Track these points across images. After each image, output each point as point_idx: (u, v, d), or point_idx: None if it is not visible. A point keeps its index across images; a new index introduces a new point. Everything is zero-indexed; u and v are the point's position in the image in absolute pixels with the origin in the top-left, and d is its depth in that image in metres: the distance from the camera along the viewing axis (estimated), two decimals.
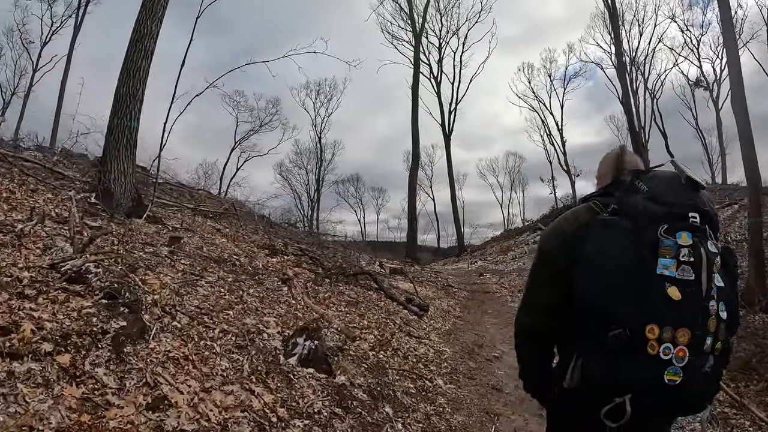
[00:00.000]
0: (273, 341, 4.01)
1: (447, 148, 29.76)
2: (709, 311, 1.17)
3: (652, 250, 1.18)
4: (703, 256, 1.18)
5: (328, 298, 6.36)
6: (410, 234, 22.26)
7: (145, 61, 9.12)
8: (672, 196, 1.25)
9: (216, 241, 8.22)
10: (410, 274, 13.09)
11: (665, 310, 1.15)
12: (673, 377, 1.15)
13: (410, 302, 8.13)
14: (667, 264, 1.17)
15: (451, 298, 11.00)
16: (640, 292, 1.17)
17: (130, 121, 8.77)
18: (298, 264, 8.58)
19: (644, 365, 1.16)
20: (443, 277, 14.84)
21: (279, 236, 12.80)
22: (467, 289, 13.05)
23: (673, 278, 1.16)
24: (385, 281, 10.30)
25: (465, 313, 9.35)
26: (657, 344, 1.15)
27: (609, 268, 1.22)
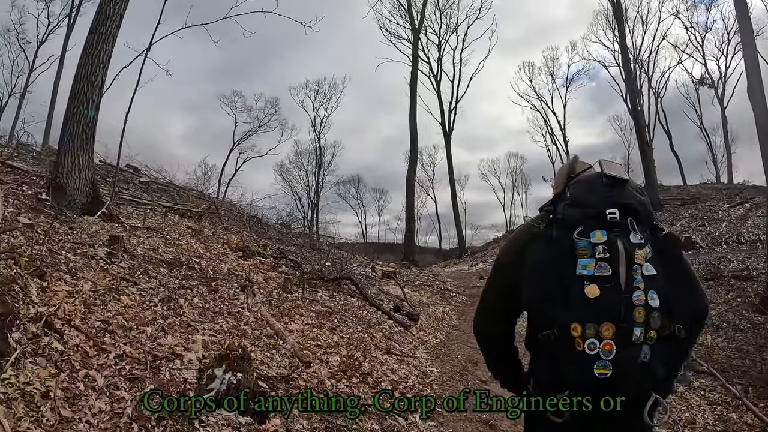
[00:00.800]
0: (186, 371, 2.94)
1: (447, 147, 28.74)
2: (632, 302, 1.19)
3: (570, 254, 1.23)
4: (620, 250, 1.20)
5: (295, 308, 5.28)
6: (408, 235, 21.11)
7: (106, 46, 8.10)
8: (590, 197, 1.29)
9: (181, 242, 7.18)
10: (405, 278, 11.99)
11: (584, 308, 1.19)
12: (603, 370, 1.17)
13: (398, 310, 7.03)
14: (585, 264, 1.21)
15: (448, 303, 9.89)
16: (562, 294, 1.22)
17: (87, 110, 7.74)
18: (273, 267, 7.52)
19: (574, 362, 1.19)
20: (441, 280, 13.73)
21: (268, 238, 11.79)
22: (466, 293, 11.92)
23: (591, 276, 1.20)
24: (375, 286, 9.21)
25: (461, 321, 8.23)
26: (581, 341, 1.18)
27: (539, 275, 1.27)
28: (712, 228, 16.96)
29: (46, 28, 25.27)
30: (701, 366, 6.14)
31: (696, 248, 16.23)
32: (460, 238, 28.78)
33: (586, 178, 1.37)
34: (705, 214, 18.48)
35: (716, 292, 12.27)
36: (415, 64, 22.46)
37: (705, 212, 18.69)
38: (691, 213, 18.91)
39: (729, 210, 18.33)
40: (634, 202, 1.28)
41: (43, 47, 25.09)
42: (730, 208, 18.49)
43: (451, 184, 27.99)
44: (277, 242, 11.09)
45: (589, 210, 1.26)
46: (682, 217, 18.75)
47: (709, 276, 13.34)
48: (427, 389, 4.12)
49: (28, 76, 25.76)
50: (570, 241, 1.24)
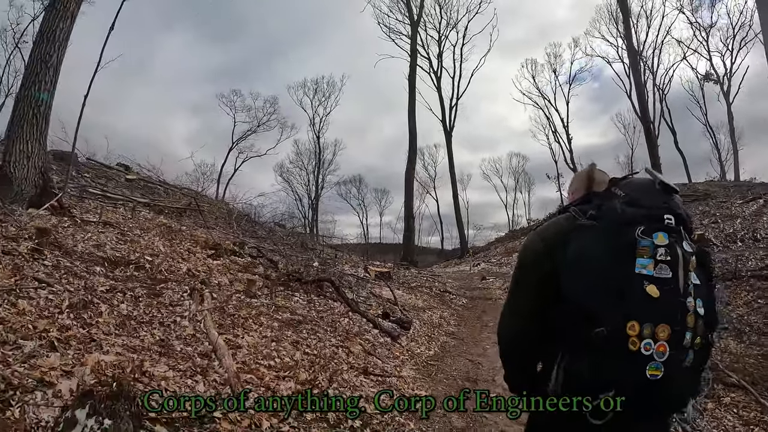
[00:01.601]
0: (46, 409, 1.94)
1: (448, 144, 27.35)
2: (687, 307, 1.17)
3: (630, 251, 1.18)
4: (680, 255, 1.18)
5: (255, 316, 4.27)
6: (407, 234, 19.98)
7: (63, 23, 7.13)
8: (648, 199, 1.26)
9: (141, 239, 6.20)
10: (401, 279, 10.95)
11: (644, 307, 1.14)
12: (655, 372, 1.13)
13: (386, 317, 5.99)
14: (645, 263, 1.17)
15: (446, 307, 8.83)
16: (619, 291, 1.16)
17: (39, 93, 6.78)
18: (246, 268, 6.51)
19: (626, 361, 1.14)
20: (441, 282, 12.66)
21: (257, 237, 10.83)
22: (467, 296, 10.86)
23: (651, 276, 1.16)
24: (366, 288, 8.18)
25: (461, 328, 7.18)
26: (638, 340, 1.13)
27: (590, 269, 1.21)
28: (726, 225, 15.83)
29: None
30: (730, 377, 5.40)
31: (710, 246, 15.15)
32: (461, 238, 27.69)
33: (640, 182, 1.34)
34: (717, 210, 17.34)
35: (735, 293, 11.26)
36: (413, 59, 21.45)
37: (717, 209, 17.55)
38: (702, 210, 17.76)
39: (742, 206, 17.18)
40: (683, 212, 1.27)
41: None
42: (743, 204, 17.33)
43: (453, 182, 26.93)
44: (264, 241, 10.11)
45: (651, 211, 1.22)
46: (693, 214, 17.58)
47: (727, 276, 12.28)
48: (410, 425, 3.07)
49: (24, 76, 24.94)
50: (632, 237, 1.18)
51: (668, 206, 1.24)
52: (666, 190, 1.28)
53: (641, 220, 1.20)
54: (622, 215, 1.23)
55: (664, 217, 1.21)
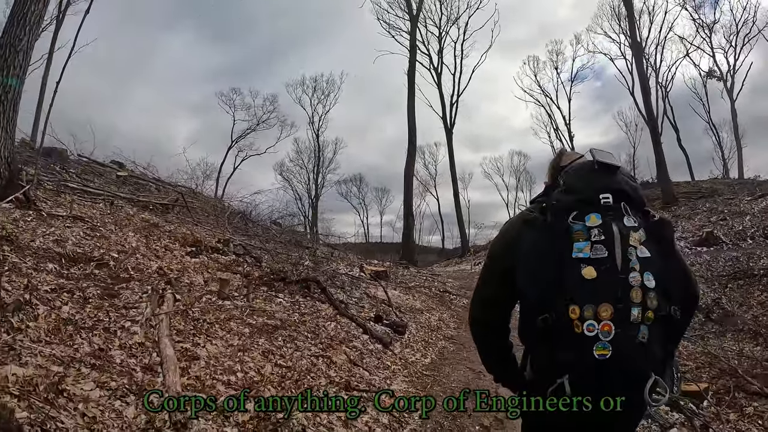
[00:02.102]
0: None
1: (449, 141, 26.17)
2: (629, 283, 1.16)
3: (566, 237, 1.19)
4: (615, 232, 1.18)
5: (224, 321, 3.70)
6: (406, 232, 19.34)
7: (35, 6, 6.61)
8: (582, 183, 1.27)
9: (111, 235, 5.65)
10: (399, 279, 10.37)
11: (582, 290, 1.15)
12: (603, 351, 1.13)
13: (379, 320, 5.42)
14: (580, 247, 1.18)
15: (446, 308, 8.25)
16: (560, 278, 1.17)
17: (6, 78, 6.25)
18: (228, 266, 5.95)
19: (573, 344, 1.15)
20: (441, 281, 12.08)
21: (248, 234, 10.27)
22: (467, 296, 10.27)
23: (587, 259, 1.17)
24: (360, 289, 7.60)
25: (461, 331, 6.60)
26: (580, 323, 1.14)
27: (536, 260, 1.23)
28: (735, 222, 15.20)
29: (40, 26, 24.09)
30: (752, 384, 4.85)
31: (719, 244, 14.49)
32: (462, 236, 27.06)
33: (578, 166, 1.35)
34: (725, 207, 16.70)
35: (748, 292, 10.68)
36: (413, 54, 20.79)
37: (725, 206, 16.91)
38: (709, 207, 17.13)
39: (751, 203, 16.53)
40: (626, 187, 1.26)
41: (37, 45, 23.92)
42: (752, 201, 16.69)
43: (453, 179, 26.27)
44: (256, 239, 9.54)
45: (583, 195, 1.24)
46: (700, 210, 16.96)
47: (739, 275, 11.68)
48: None
49: None
50: (565, 225, 1.21)
51: (605, 185, 1.23)
52: (604, 169, 1.27)
53: (575, 205, 1.22)
54: (558, 204, 1.25)
55: (599, 197, 1.21)
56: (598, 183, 1.25)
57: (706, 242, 14.37)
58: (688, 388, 5.96)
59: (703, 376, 7.31)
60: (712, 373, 7.53)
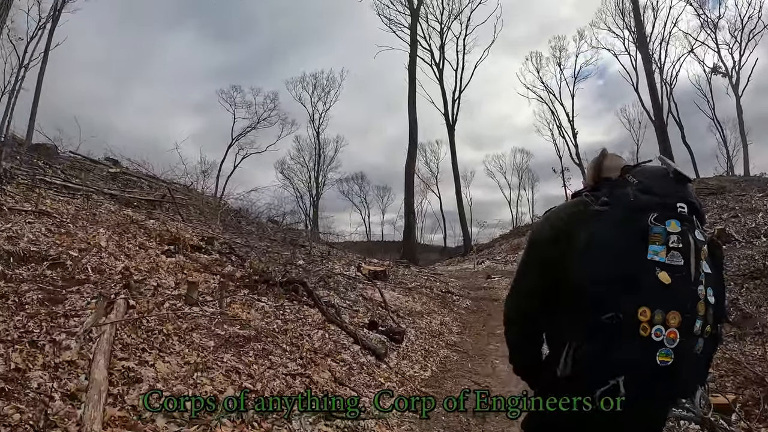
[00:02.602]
0: None
1: (451, 138, 25.38)
2: (698, 295, 1.14)
3: (642, 237, 1.15)
4: (692, 243, 1.16)
5: (185, 332, 3.08)
6: (407, 230, 18.64)
7: None
8: (661, 187, 1.23)
9: (78, 232, 5.06)
10: (399, 279, 9.73)
11: (656, 294, 1.12)
12: (665, 358, 1.11)
13: (374, 327, 4.79)
14: (657, 250, 1.14)
15: (448, 310, 7.62)
16: (631, 276, 1.13)
17: None
18: (207, 267, 5.33)
19: (637, 347, 1.11)
20: (442, 281, 11.43)
21: (240, 232, 9.67)
22: (471, 296, 9.63)
23: (663, 263, 1.13)
24: (356, 290, 6.98)
25: (464, 336, 5.97)
26: (649, 326, 1.11)
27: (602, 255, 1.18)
28: (747, 219, 14.49)
29: (37, 24, 23.61)
30: None
31: (732, 241, 13.78)
32: (465, 235, 26.35)
33: (654, 169, 1.30)
34: (736, 204, 15.96)
35: (765, 293, 9.97)
36: (413, 48, 20.08)
37: (735, 202, 16.17)
38: (719, 204, 16.39)
39: (762, 199, 15.79)
40: (696, 201, 1.25)
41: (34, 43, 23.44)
42: (764, 198, 15.96)
43: (455, 176, 25.57)
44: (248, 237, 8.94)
45: (663, 199, 1.19)
46: (710, 207, 16.21)
47: (755, 274, 10.95)
48: None
49: (17, 73, 24.12)
50: (645, 223, 1.16)
51: (681, 195, 1.21)
52: (679, 179, 1.24)
53: (654, 207, 1.18)
54: (635, 202, 1.20)
55: (677, 205, 1.18)
56: (676, 191, 1.21)
57: (719, 240, 13.60)
58: (715, 400, 5.33)
59: (728, 385, 6.67)
60: (737, 381, 6.87)
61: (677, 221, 1.15)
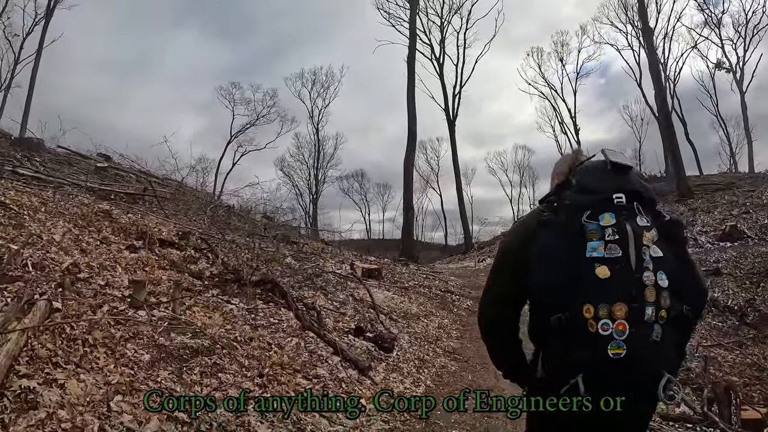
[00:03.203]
0: None
1: (451, 133, 24.72)
2: (642, 282, 1.13)
3: (580, 237, 1.16)
4: (629, 232, 1.15)
5: (118, 342, 2.44)
6: (406, 227, 17.89)
7: None
8: (596, 183, 1.23)
9: (31, 224, 4.45)
10: (396, 277, 9.08)
11: (596, 289, 1.12)
12: (617, 350, 1.10)
13: (360, 333, 4.13)
14: (594, 246, 1.15)
15: (447, 312, 6.95)
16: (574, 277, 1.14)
17: None
18: (174, 264, 4.68)
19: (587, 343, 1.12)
20: (442, 280, 10.77)
21: (229, 228, 9.05)
22: (471, 296, 8.96)
23: (601, 258, 1.14)
24: (345, 290, 6.32)
25: (464, 341, 5.32)
26: (594, 322, 1.11)
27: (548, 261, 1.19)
28: (759, 215, 13.77)
29: (33, 20, 23.11)
30: None
31: (744, 238, 13.08)
32: (465, 232, 25.64)
33: (591, 165, 1.32)
34: (746, 200, 15.24)
35: None
36: (413, 40, 19.34)
37: (745, 198, 15.46)
38: (728, 199, 15.69)
39: None
40: (638, 187, 1.24)
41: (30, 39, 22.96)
42: None
43: (456, 172, 24.86)
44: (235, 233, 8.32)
45: (597, 195, 1.20)
46: (719, 203, 15.51)
47: None
48: None
49: (13, 69, 23.66)
50: (579, 224, 1.17)
51: (619, 185, 1.20)
52: (617, 170, 1.24)
53: (588, 204, 1.18)
54: (571, 204, 1.21)
55: (612, 197, 1.18)
56: (612, 183, 1.21)
57: (730, 237, 12.98)
58: (747, 415, 4.69)
59: (755, 395, 6.01)
60: (764, 391, 6.21)
61: (611, 213, 1.16)
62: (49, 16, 22.29)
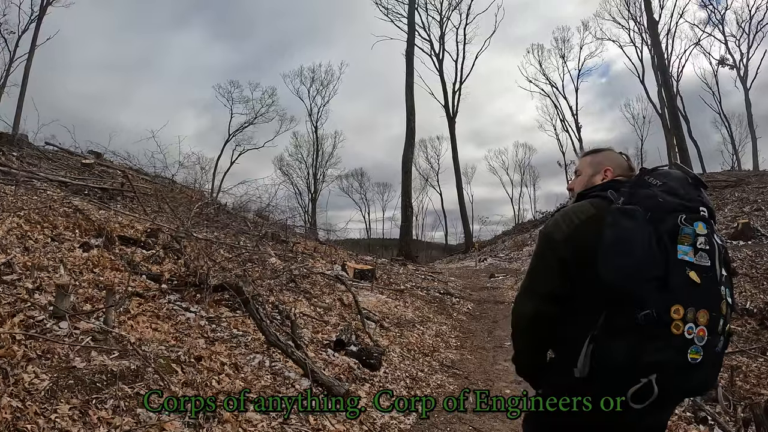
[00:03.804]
0: None
1: (451, 130, 23.82)
2: (721, 295, 1.15)
3: (671, 237, 1.13)
4: (716, 245, 1.15)
5: (11, 365, 1.81)
6: (404, 225, 17.10)
7: None
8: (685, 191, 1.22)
9: None
10: (391, 278, 8.44)
11: (688, 292, 1.10)
12: (695, 356, 1.10)
13: (341, 346, 3.48)
14: (686, 250, 1.13)
15: (446, 316, 6.31)
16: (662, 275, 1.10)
17: None
18: (131, 264, 4.05)
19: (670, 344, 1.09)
20: (442, 280, 10.11)
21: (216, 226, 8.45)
22: (473, 298, 8.32)
23: (692, 263, 1.12)
24: (332, 294, 5.70)
25: (464, 352, 4.68)
26: (682, 324, 1.08)
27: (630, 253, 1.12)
28: None
29: (29, 17, 22.61)
30: None
31: (757, 236, 12.41)
32: (466, 230, 24.89)
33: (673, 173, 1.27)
34: (757, 196, 14.53)
35: None
36: (411, 33, 18.57)
37: (756, 195, 14.75)
38: (739, 196, 14.99)
39: None
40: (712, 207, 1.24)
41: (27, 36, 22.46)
42: None
43: (456, 169, 24.10)
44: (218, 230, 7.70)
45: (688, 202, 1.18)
46: (729, 200, 14.81)
47: None
48: None
49: (8, 67, 23.13)
50: (674, 224, 1.13)
51: (702, 199, 1.21)
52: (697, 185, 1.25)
53: (681, 209, 1.17)
54: (662, 203, 1.18)
55: (699, 208, 1.18)
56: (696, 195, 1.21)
57: (743, 235, 12.29)
58: None
59: None
60: None
61: (704, 224, 1.15)
62: (43, 13, 21.76)
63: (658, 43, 16.96)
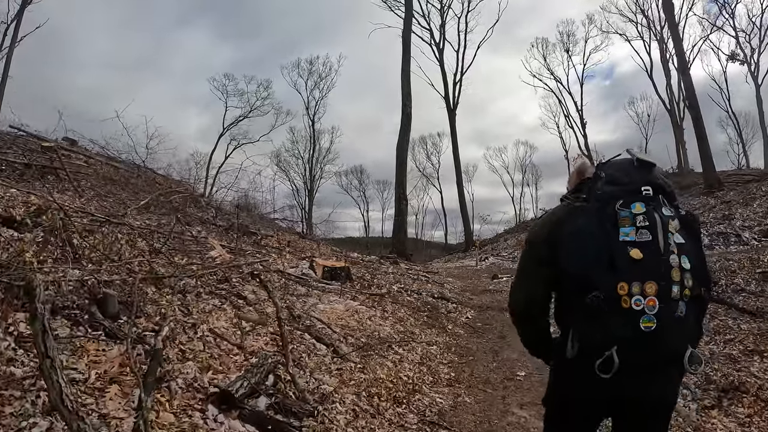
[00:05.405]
0: None
1: (451, 122, 22.39)
2: (670, 264, 1.21)
3: (613, 223, 1.24)
4: (657, 219, 1.23)
5: None
6: (397, 219, 15.35)
7: None
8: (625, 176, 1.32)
9: None
10: (376, 279, 6.85)
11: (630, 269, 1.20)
12: (648, 324, 1.18)
13: (228, 403, 1.94)
14: (627, 231, 1.23)
15: (439, 329, 4.71)
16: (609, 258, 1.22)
17: None
18: None
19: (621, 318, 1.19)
20: (437, 282, 8.52)
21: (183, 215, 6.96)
22: (473, 304, 6.72)
23: (633, 242, 1.22)
24: (293, 295, 4.14)
25: (460, 389, 3.09)
26: (628, 298, 1.19)
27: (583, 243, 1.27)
28: None
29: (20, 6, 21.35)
30: None
31: None
32: (466, 227, 23.21)
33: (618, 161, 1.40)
34: None
35: None
36: (408, 13, 16.96)
37: None
38: (766, 191, 13.39)
39: None
40: (662, 182, 1.32)
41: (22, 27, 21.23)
42: None
43: (456, 164, 22.43)
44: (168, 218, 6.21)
45: (627, 186, 1.29)
46: (756, 195, 13.15)
47: None
48: None
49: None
50: (612, 211, 1.25)
51: (646, 179, 1.29)
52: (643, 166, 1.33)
53: (620, 194, 1.27)
54: (602, 193, 1.30)
55: (641, 189, 1.27)
56: (639, 177, 1.29)
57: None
58: None
59: None
60: None
61: (642, 203, 1.24)
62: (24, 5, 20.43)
63: (675, 26, 15.33)
